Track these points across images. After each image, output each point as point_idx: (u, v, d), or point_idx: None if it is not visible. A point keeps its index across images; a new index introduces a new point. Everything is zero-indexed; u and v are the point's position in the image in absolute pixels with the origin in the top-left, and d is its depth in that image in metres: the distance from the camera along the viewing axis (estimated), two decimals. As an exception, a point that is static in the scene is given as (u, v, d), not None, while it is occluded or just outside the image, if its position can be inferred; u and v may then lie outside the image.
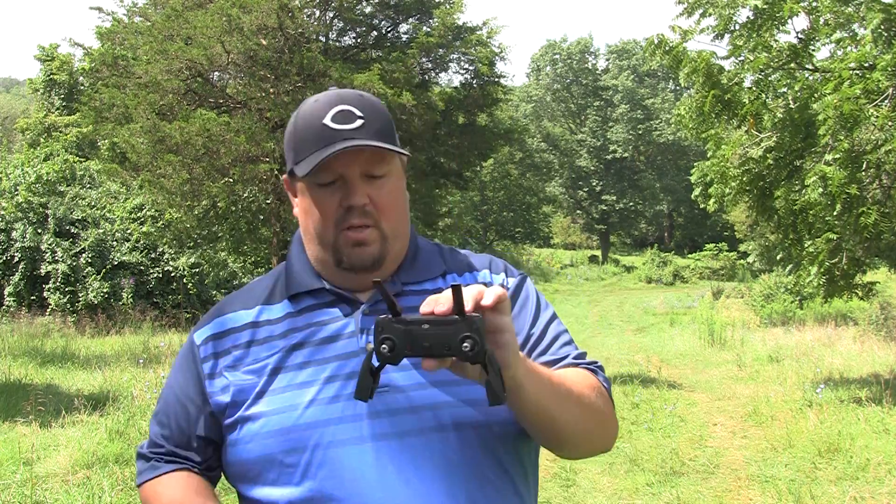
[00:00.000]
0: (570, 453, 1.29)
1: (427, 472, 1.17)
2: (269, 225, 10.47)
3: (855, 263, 7.82)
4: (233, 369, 1.26)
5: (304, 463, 1.18)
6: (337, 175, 1.21)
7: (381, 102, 1.29)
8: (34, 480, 5.00)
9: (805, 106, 7.40)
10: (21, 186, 15.89)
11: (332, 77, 9.15)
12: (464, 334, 0.98)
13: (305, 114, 1.24)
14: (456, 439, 1.18)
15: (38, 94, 27.57)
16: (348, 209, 1.22)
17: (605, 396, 1.27)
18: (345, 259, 1.23)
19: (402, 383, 1.20)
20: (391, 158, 1.25)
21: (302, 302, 1.28)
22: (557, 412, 1.16)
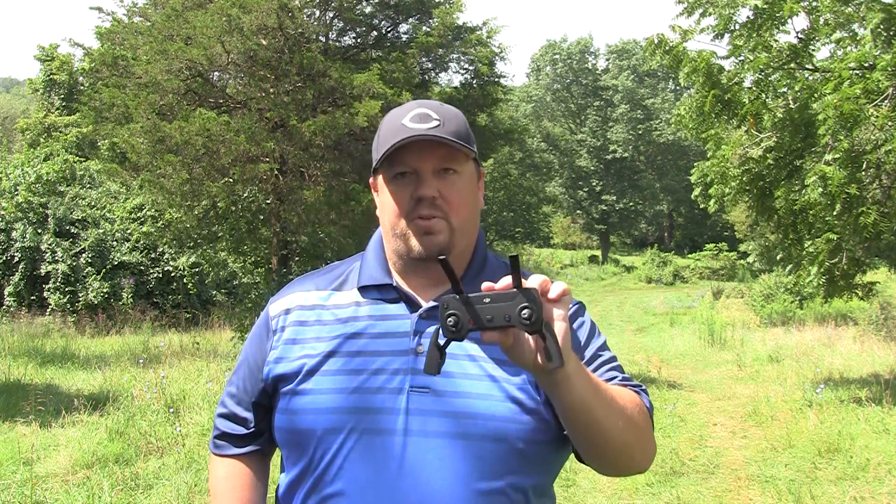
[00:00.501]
0: (608, 465, 1.29)
1: (445, 475, 1.23)
2: (269, 225, 10.47)
3: (855, 263, 7.82)
4: (293, 343, 1.35)
5: (339, 443, 1.26)
6: (410, 168, 1.30)
7: (461, 113, 1.37)
8: (34, 480, 5.00)
9: (805, 106, 7.40)
10: (21, 186, 15.89)
11: (332, 77, 9.15)
12: (522, 304, 1.04)
13: (389, 118, 1.35)
14: (480, 450, 1.24)
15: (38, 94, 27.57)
16: (419, 200, 1.29)
17: (647, 416, 1.31)
18: (413, 248, 1.31)
19: (441, 388, 1.26)
20: (464, 160, 1.33)
21: (369, 294, 1.36)
22: (601, 416, 1.19)
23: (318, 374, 1.30)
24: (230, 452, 1.44)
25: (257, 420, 1.42)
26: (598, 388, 1.20)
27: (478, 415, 1.25)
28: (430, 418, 1.25)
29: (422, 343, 1.29)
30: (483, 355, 1.29)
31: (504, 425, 1.25)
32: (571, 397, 1.15)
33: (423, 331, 1.30)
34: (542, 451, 1.28)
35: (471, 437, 1.24)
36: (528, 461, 1.27)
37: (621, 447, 1.25)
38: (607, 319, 20.09)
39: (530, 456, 1.27)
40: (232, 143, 8.95)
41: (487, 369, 1.28)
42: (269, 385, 1.36)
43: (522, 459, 1.26)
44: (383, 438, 1.24)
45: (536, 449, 1.27)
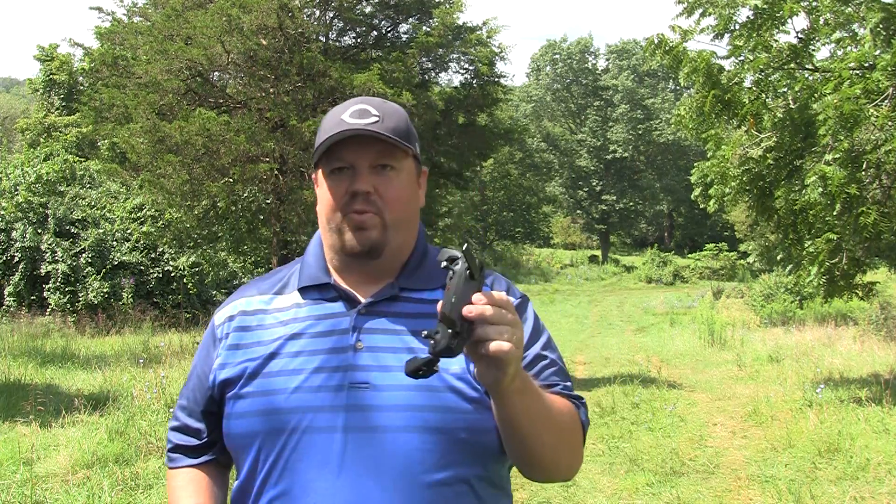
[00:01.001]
0: (528, 471, 1.31)
1: (386, 469, 1.23)
2: (269, 225, 10.46)
3: (855, 263, 7.82)
4: (236, 349, 1.36)
5: (280, 444, 1.27)
6: (347, 163, 1.31)
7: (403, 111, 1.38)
8: (34, 480, 5.00)
9: (805, 106, 7.40)
10: (21, 186, 15.89)
11: (332, 77, 9.15)
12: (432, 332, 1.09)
13: (330, 113, 1.36)
14: (421, 442, 1.24)
15: (37, 94, 27.58)
16: (353, 195, 1.30)
17: (580, 433, 1.34)
18: (347, 241, 1.32)
19: (380, 383, 1.27)
20: (402, 157, 1.34)
21: (309, 295, 1.37)
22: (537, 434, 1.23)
23: (259, 377, 1.31)
24: (185, 464, 1.44)
25: (209, 430, 1.41)
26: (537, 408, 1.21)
27: (417, 406, 1.25)
28: (369, 413, 1.25)
29: (360, 339, 1.29)
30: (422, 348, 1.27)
31: (444, 416, 1.25)
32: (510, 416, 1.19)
33: (362, 326, 1.30)
34: (487, 440, 1.27)
35: (410, 429, 1.24)
36: (471, 451, 1.27)
37: (549, 462, 1.28)
38: (607, 319, 20.09)
39: (474, 446, 1.26)
40: (232, 143, 8.95)
41: None
42: (216, 392, 1.36)
43: (465, 449, 1.26)
44: (324, 436, 1.25)
45: (480, 438, 1.27)
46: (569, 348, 13.82)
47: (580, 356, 12.91)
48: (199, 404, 1.41)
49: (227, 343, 1.37)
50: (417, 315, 1.32)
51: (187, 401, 1.44)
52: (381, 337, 1.30)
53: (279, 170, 9.71)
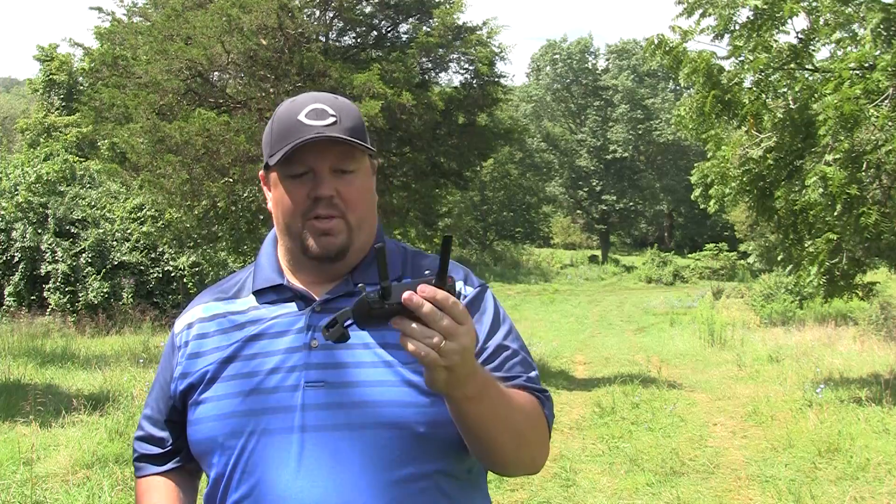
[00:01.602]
0: (491, 467, 1.30)
1: (345, 468, 1.21)
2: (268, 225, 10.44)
3: (855, 263, 7.83)
4: (195, 357, 1.35)
5: (239, 447, 1.26)
6: (307, 167, 1.28)
7: (355, 105, 1.36)
8: (34, 480, 5.00)
9: (805, 106, 7.40)
10: (21, 186, 15.89)
11: (332, 77, 9.15)
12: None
13: (282, 112, 1.32)
14: (380, 438, 1.22)
15: (37, 95, 27.60)
16: (315, 200, 1.28)
17: (544, 429, 1.31)
18: (310, 248, 1.30)
19: (336, 380, 1.25)
20: (360, 157, 1.32)
21: (265, 297, 1.36)
22: (496, 432, 1.20)
23: (217, 382, 1.30)
24: (151, 472, 1.43)
25: (173, 438, 1.41)
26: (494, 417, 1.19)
27: (373, 402, 1.23)
28: (325, 412, 1.23)
29: (315, 337, 1.28)
30: (378, 342, 1.27)
31: (401, 410, 1.23)
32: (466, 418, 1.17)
33: (317, 325, 1.28)
34: (447, 433, 1.24)
35: (368, 426, 1.22)
36: (432, 446, 1.24)
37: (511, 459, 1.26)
38: (607, 319, 20.09)
39: (434, 440, 1.24)
40: (232, 143, 8.95)
41: (381, 355, 1.26)
42: (178, 401, 1.36)
43: (425, 445, 1.24)
44: (281, 437, 1.23)
45: (440, 432, 1.24)
46: (569, 348, 13.82)
47: (580, 356, 12.91)
48: (163, 413, 1.40)
49: (187, 351, 1.36)
50: None
51: (151, 410, 1.43)
52: None
53: (279, 170, 9.71)
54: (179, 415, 1.37)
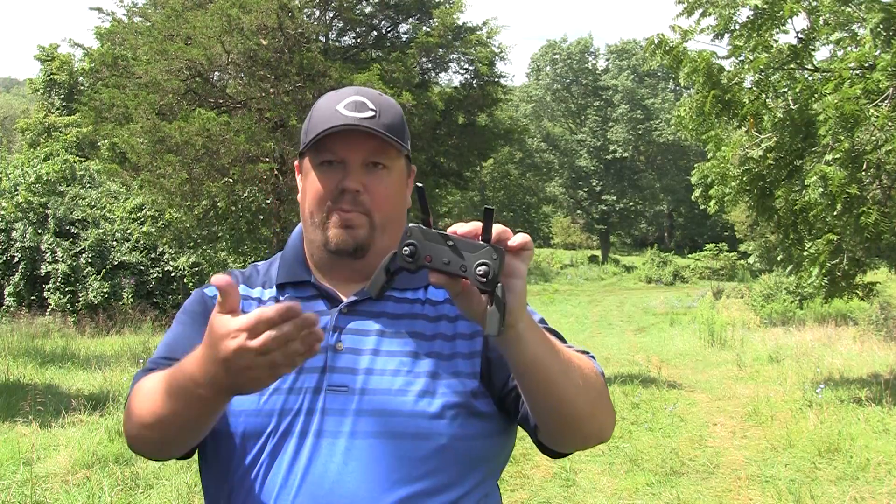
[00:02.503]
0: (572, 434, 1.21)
1: (359, 475, 1.17)
2: (269, 225, 10.47)
3: (855, 264, 7.83)
4: None
5: (258, 448, 1.21)
6: (339, 157, 1.25)
7: (399, 106, 1.32)
8: (34, 480, 5.00)
9: (805, 106, 7.40)
10: (21, 186, 15.90)
11: (332, 77, 9.15)
12: (482, 260, 0.99)
13: (322, 101, 1.29)
14: (400, 449, 1.18)
15: (38, 95, 27.60)
16: (342, 191, 1.24)
17: (602, 380, 1.23)
18: (331, 239, 1.26)
19: (359, 386, 1.21)
20: (395, 156, 1.28)
21: (287, 292, 1.31)
22: (559, 376, 1.12)
23: None
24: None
25: None
26: (553, 347, 1.13)
27: (395, 412, 1.18)
28: (345, 418, 1.19)
29: (341, 340, 1.23)
30: (404, 350, 1.23)
31: (424, 422, 1.18)
32: (525, 356, 1.09)
33: (344, 327, 1.24)
34: (472, 447, 1.21)
35: (388, 436, 1.18)
36: (454, 459, 1.20)
37: (581, 410, 1.17)
38: (607, 319, 20.09)
39: (457, 453, 1.20)
40: (232, 143, 8.96)
41: (407, 364, 1.22)
42: None
43: (447, 458, 1.19)
44: (297, 441, 1.19)
45: (464, 445, 1.20)
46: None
47: (580, 356, 12.89)
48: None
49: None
50: (401, 316, 1.27)
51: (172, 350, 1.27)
52: (362, 338, 1.24)
53: (279, 170, 9.72)
54: None
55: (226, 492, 1.25)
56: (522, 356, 1.09)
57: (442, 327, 1.26)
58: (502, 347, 1.10)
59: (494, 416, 1.25)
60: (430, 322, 1.27)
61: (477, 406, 1.22)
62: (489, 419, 1.24)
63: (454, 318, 1.27)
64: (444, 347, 1.25)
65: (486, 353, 1.25)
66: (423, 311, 1.28)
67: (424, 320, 1.27)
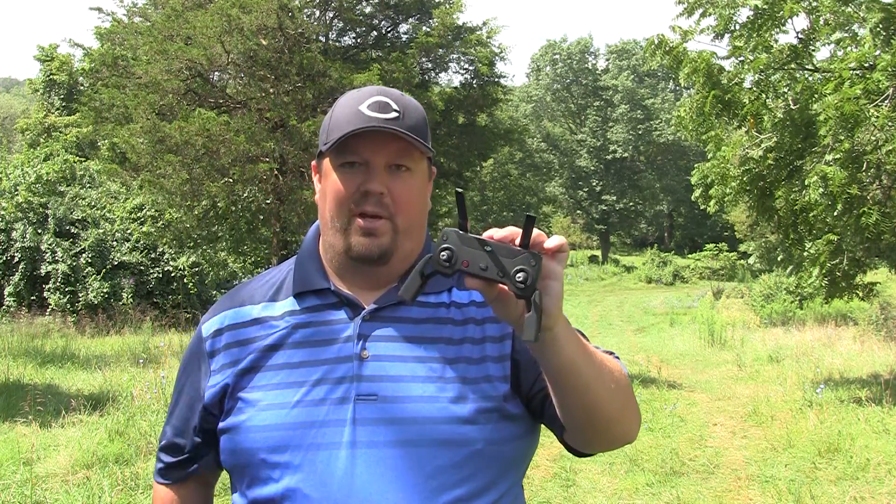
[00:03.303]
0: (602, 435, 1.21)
1: (398, 485, 1.15)
2: (269, 225, 10.47)
3: (855, 264, 7.83)
4: (232, 366, 1.26)
5: (284, 462, 1.18)
6: (362, 159, 1.22)
7: (421, 107, 1.30)
8: (34, 480, 5.00)
9: (805, 106, 7.39)
10: (21, 186, 15.90)
11: (332, 77, 9.16)
12: (521, 267, 1.00)
13: (344, 100, 1.26)
14: (434, 455, 1.16)
15: (38, 95, 27.60)
16: (365, 194, 1.21)
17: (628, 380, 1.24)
18: (353, 246, 1.23)
19: (389, 394, 1.19)
20: (418, 157, 1.25)
21: (306, 301, 1.27)
22: (592, 379, 1.13)
23: (260, 390, 1.22)
24: (170, 480, 1.38)
25: (198, 445, 1.33)
26: (587, 350, 1.14)
27: (429, 419, 1.17)
28: (378, 427, 1.17)
29: (366, 348, 1.21)
30: (432, 356, 1.22)
31: (459, 427, 1.17)
32: (560, 359, 1.09)
33: (369, 334, 1.22)
34: (505, 450, 1.21)
35: (423, 443, 1.16)
36: (489, 463, 1.20)
37: (615, 412, 1.18)
38: (607, 319, 20.09)
39: (491, 457, 1.20)
40: (232, 143, 8.95)
41: (436, 370, 1.21)
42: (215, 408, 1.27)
43: (482, 462, 1.19)
44: (330, 453, 1.16)
45: (497, 449, 1.20)
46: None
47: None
48: (191, 421, 1.32)
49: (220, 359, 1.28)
50: (425, 320, 1.24)
51: (177, 418, 1.34)
52: (388, 345, 1.22)
53: (279, 170, 9.72)
54: (212, 423, 1.29)
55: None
56: (558, 358, 1.09)
57: (470, 331, 1.25)
58: (538, 351, 1.10)
59: (524, 418, 1.25)
60: (457, 326, 1.25)
61: (509, 409, 1.22)
62: (520, 421, 1.24)
63: (481, 320, 1.26)
64: (474, 351, 1.23)
65: (514, 355, 1.24)
66: (448, 314, 1.26)
67: (451, 324, 1.25)
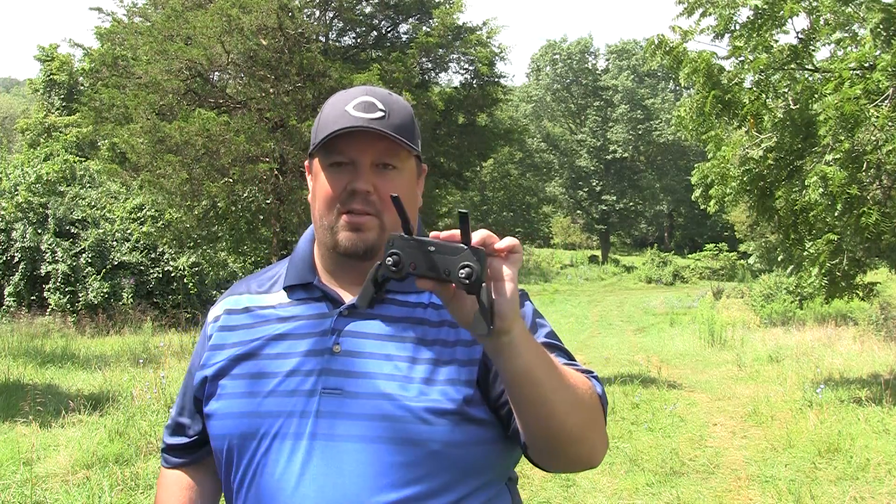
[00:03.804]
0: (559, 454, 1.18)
1: (348, 479, 1.16)
2: (269, 225, 10.47)
3: (855, 264, 7.82)
4: (217, 349, 1.32)
5: (252, 449, 1.22)
6: (349, 159, 1.25)
7: (409, 106, 1.31)
8: (34, 480, 5.00)
9: (805, 106, 7.39)
10: (21, 186, 15.90)
11: (332, 77, 9.15)
12: (464, 262, 1.00)
13: (333, 101, 1.29)
14: (389, 452, 1.17)
15: (38, 95, 27.60)
16: (352, 193, 1.24)
17: (598, 401, 1.21)
18: (340, 242, 1.26)
19: (353, 389, 1.20)
20: (405, 156, 1.28)
21: (295, 294, 1.32)
22: (549, 391, 1.10)
23: (237, 378, 1.26)
24: (176, 463, 1.42)
25: (199, 428, 1.37)
26: (548, 360, 1.11)
27: (388, 416, 1.18)
28: (339, 421, 1.19)
29: (339, 342, 1.23)
30: (401, 354, 1.22)
31: (416, 427, 1.17)
32: (516, 365, 1.07)
33: (342, 329, 1.24)
34: (464, 454, 1.20)
35: (379, 440, 1.17)
36: (446, 466, 1.19)
37: (574, 430, 1.14)
38: (607, 319, 20.09)
39: (449, 459, 1.19)
40: (232, 143, 8.95)
41: (403, 369, 1.21)
42: (199, 391, 1.32)
43: (438, 463, 1.18)
44: (292, 443, 1.19)
45: (456, 452, 1.19)
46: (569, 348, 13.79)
47: (580, 356, 12.91)
48: (190, 402, 1.37)
49: (211, 343, 1.33)
50: (400, 319, 1.26)
51: (180, 398, 1.41)
52: (360, 341, 1.24)
53: (279, 170, 9.72)
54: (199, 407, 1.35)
55: (225, 491, 1.28)
56: (514, 365, 1.07)
57: (444, 333, 1.25)
58: (494, 355, 1.08)
59: (492, 424, 1.23)
60: (431, 327, 1.26)
61: (471, 413, 1.21)
62: (487, 426, 1.22)
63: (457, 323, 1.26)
64: (443, 354, 1.23)
65: (485, 360, 1.23)
66: (424, 314, 1.27)
67: (426, 325, 1.26)
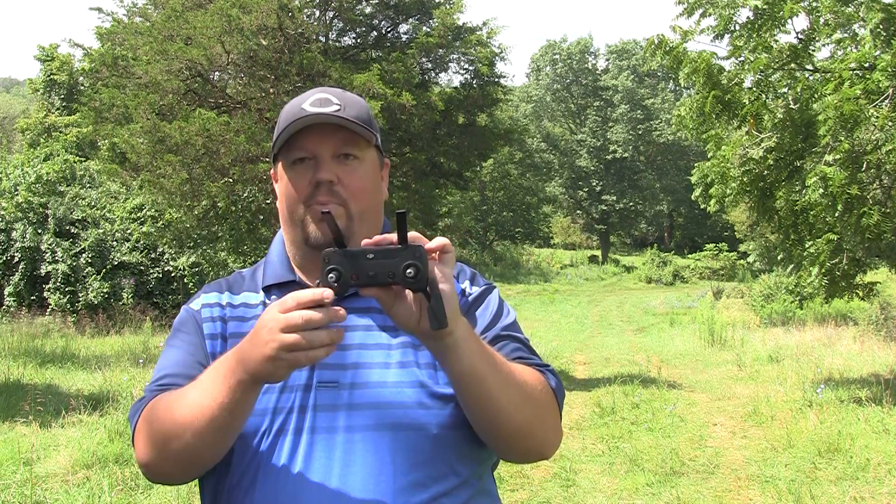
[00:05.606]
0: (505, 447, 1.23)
1: (355, 468, 1.18)
2: (269, 225, 10.47)
3: (855, 264, 7.83)
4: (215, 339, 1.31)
5: (252, 448, 1.22)
6: (309, 153, 1.27)
7: (364, 101, 1.34)
8: (34, 480, 5.00)
9: (805, 106, 7.40)
10: (21, 186, 15.90)
11: (332, 77, 9.15)
12: (407, 262, 1.01)
13: (289, 104, 1.32)
14: (392, 440, 1.19)
15: (38, 95, 27.60)
16: (317, 185, 1.26)
17: (551, 396, 1.24)
18: (311, 234, 1.27)
19: (349, 381, 1.23)
20: (365, 146, 1.30)
21: (274, 294, 1.33)
22: (495, 388, 1.14)
23: None
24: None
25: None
26: (493, 359, 1.14)
27: (386, 404, 1.20)
28: (337, 413, 1.20)
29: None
30: (391, 343, 1.25)
31: (414, 412, 1.20)
32: (461, 365, 1.10)
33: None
34: (462, 435, 1.22)
35: (380, 427, 1.19)
36: (446, 449, 1.21)
37: (519, 426, 1.18)
38: (607, 319, 20.09)
39: (448, 443, 1.21)
40: (232, 143, 8.95)
41: (396, 357, 1.24)
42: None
43: (440, 447, 1.21)
44: (292, 438, 1.20)
45: (451, 434, 1.22)
46: (569, 348, 13.82)
47: (580, 356, 12.91)
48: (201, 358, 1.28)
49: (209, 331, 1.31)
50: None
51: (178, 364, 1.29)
52: (350, 334, 1.25)
53: (279, 170, 9.71)
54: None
55: (225, 492, 1.26)
56: (459, 365, 1.11)
57: None
58: (438, 356, 1.11)
59: None
60: None
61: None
62: None
63: None
64: None
65: None
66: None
67: None
